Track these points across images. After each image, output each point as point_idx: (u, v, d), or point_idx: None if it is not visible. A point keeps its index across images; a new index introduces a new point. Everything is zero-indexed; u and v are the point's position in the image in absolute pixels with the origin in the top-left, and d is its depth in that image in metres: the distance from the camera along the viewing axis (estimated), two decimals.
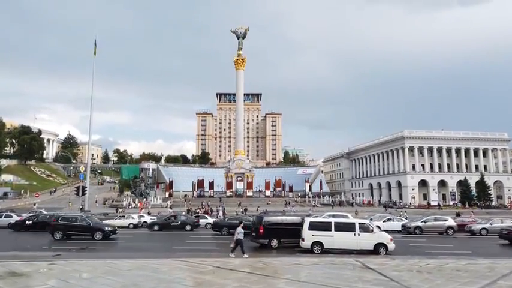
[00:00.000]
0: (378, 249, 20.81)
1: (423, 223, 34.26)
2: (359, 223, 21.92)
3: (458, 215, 56.08)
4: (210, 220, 40.22)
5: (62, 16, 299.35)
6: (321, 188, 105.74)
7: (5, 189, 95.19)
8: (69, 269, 12.48)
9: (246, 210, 61.34)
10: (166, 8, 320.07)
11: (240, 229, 19.37)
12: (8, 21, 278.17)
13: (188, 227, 36.13)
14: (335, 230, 21.26)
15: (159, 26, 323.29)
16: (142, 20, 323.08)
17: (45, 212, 45.25)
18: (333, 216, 36.18)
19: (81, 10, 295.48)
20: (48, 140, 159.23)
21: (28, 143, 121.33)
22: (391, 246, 21.06)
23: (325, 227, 21.68)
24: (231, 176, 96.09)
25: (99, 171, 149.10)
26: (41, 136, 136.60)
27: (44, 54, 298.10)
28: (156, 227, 36.53)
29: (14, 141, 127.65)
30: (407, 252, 21.81)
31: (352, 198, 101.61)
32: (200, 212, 52.28)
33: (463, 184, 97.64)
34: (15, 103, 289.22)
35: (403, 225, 35.23)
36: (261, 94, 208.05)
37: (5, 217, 40.19)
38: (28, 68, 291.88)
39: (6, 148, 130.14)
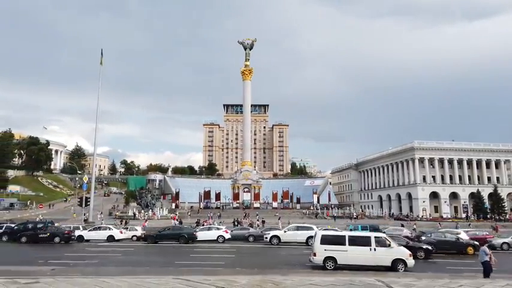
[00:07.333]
0: (396, 265, 19.40)
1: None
2: (375, 237, 20.47)
3: (495, 229, 53.52)
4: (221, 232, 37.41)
5: (75, 32, 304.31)
6: (329, 200, 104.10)
7: (11, 200, 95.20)
8: None
9: (264, 222, 61.10)
10: (176, 24, 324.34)
11: (487, 249, 17.07)
12: (24, 36, 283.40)
13: (57, 239, 34.07)
14: (349, 245, 19.92)
15: (169, 40, 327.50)
16: (152, 35, 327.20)
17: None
18: (298, 228, 35.28)
19: (94, 26, 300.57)
20: (56, 151, 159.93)
21: (36, 153, 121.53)
22: (411, 262, 19.62)
23: (338, 241, 20.33)
24: (238, 187, 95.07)
25: (105, 182, 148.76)
26: (49, 147, 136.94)
27: (57, 68, 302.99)
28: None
29: (22, 152, 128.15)
30: (428, 269, 20.36)
31: (362, 210, 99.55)
32: (206, 224, 51.03)
33: (475, 196, 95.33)
34: (28, 116, 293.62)
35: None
36: (268, 105, 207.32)
37: (129, 230, 40.25)
38: (42, 82, 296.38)
39: (14, 159, 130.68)
